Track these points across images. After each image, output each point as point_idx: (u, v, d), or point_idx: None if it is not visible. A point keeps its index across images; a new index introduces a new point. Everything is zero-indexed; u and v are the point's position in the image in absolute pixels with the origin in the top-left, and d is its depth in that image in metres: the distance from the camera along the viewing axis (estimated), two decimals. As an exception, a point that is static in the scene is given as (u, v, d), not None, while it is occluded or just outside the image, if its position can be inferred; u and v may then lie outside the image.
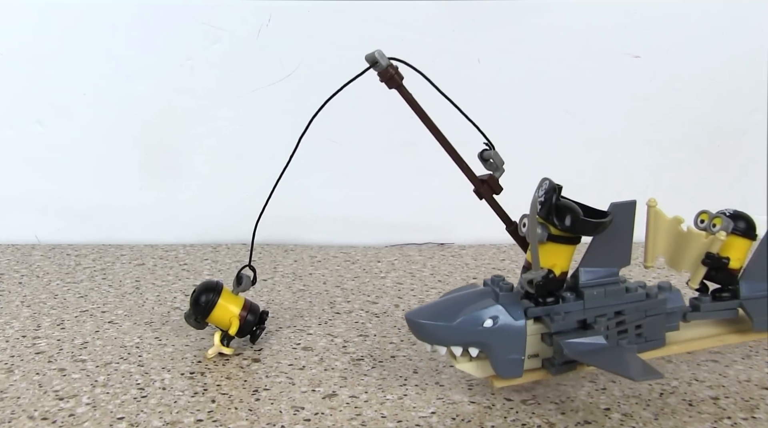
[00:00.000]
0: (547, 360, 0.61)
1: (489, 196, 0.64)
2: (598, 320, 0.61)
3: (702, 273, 0.66)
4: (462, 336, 0.59)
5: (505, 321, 0.59)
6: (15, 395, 0.62)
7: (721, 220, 0.66)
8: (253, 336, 0.71)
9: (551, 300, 0.61)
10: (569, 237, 0.60)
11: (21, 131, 1.05)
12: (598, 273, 0.62)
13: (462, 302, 0.61)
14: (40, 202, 1.08)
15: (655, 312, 0.64)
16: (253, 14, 1.01)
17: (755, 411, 0.59)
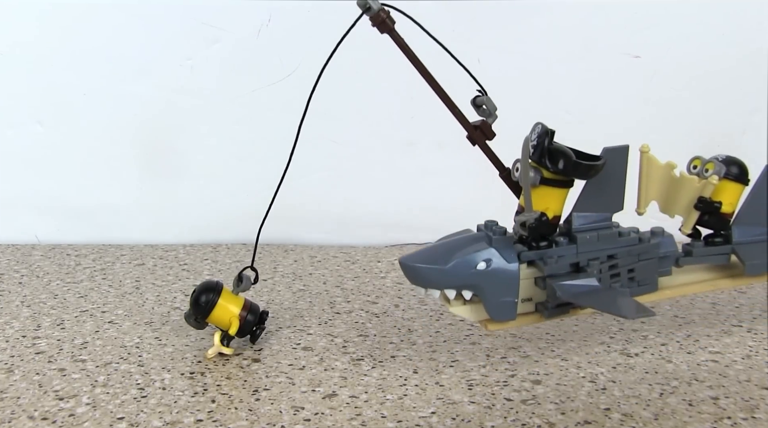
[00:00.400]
0: (541, 303, 0.63)
1: (482, 141, 0.64)
2: (591, 263, 0.62)
3: (694, 218, 0.67)
4: (455, 279, 0.60)
5: (498, 264, 0.60)
6: (15, 395, 0.62)
7: (713, 165, 0.67)
8: (253, 336, 0.71)
9: (544, 244, 0.62)
10: (562, 181, 0.61)
11: (21, 131, 1.05)
12: (591, 217, 0.63)
13: (455, 246, 0.62)
14: (40, 202, 1.08)
15: (648, 256, 0.65)
16: (253, 14, 1.01)
17: (755, 411, 0.59)
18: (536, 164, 0.60)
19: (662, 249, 0.66)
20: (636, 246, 0.64)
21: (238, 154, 1.07)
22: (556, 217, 0.62)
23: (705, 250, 0.69)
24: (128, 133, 1.05)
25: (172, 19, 1.01)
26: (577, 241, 0.62)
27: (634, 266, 0.64)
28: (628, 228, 0.65)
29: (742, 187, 0.68)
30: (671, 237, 0.67)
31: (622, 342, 0.72)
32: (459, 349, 0.71)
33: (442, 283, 0.60)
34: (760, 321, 0.78)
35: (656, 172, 0.66)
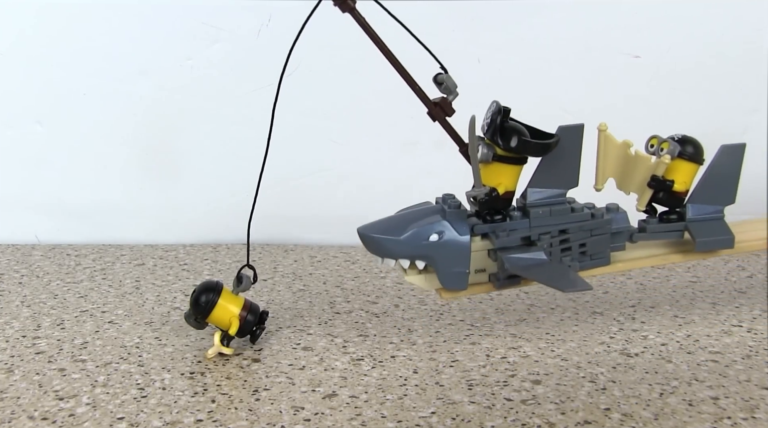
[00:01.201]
0: (493, 274, 0.65)
1: (441, 117, 0.65)
2: (542, 237, 0.64)
3: (648, 196, 0.69)
4: (409, 249, 0.63)
5: (449, 236, 0.63)
6: (15, 395, 0.62)
7: (668, 144, 0.68)
8: (253, 336, 0.71)
9: (499, 218, 0.64)
10: (515, 158, 0.63)
11: (21, 131, 1.05)
12: (546, 193, 0.65)
13: (411, 218, 0.65)
14: (40, 202, 1.08)
15: (600, 231, 0.67)
16: (253, 14, 1.01)
17: (755, 411, 0.59)
18: (489, 142, 0.62)
19: (615, 225, 0.68)
20: (588, 222, 0.66)
21: (238, 154, 1.07)
22: (509, 192, 0.64)
23: (659, 227, 0.70)
24: (128, 133, 1.05)
25: (172, 19, 1.01)
26: (530, 216, 0.64)
27: (586, 240, 0.66)
28: (582, 205, 0.66)
29: (696, 166, 0.69)
30: (625, 214, 0.69)
31: (622, 342, 0.72)
32: (459, 349, 0.71)
33: (396, 253, 0.63)
34: (760, 321, 0.78)
35: (613, 150, 0.68)
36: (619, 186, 0.70)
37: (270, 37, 1.02)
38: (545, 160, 0.64)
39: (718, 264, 0.97)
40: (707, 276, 0.93)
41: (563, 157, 0.64)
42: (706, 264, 0.97)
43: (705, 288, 0.88)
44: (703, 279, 0.91)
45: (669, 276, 0.93)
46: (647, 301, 0.84)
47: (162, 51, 1.02)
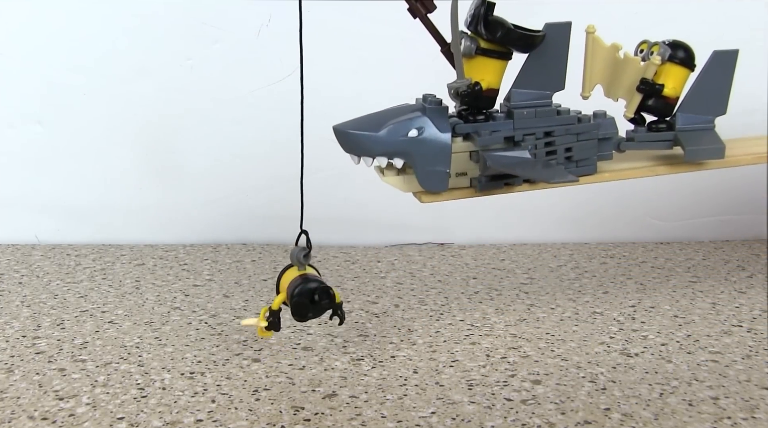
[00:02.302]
0: (475, 178, 0.63)
1: (422, 14, 0.62)
2: (526, 138, 0.62)
3: (637, 101, 0.67)
4: (386, 145, 0.60)
5: (430, 133, 0.60)
6: (15, 395, 0.62)
7: (658, 47, 0.67)
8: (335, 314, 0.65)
9: (482, 118, 0.62)
10: (499, 52, 0.61)
11: (21, 131, 1.05)
12: (531, 95, 0.63)
13: (389, 114, 0.62)
14: (40, 202, 1.08)
15: (587, 136, 0.65)
16: (253, 14, 1.01)
17: (755, 411, 0.59)
18: (473, 34, 0.60)
19: (602, 130, 0.66)
20: (575, 125, 0.64)
21: (238, 154, 1.07)
22: (492, 90, 0.62)
23: (648, 136, 0.69)
24: (128, 133, 1.05)
25: (172, 19, 1.01)
26: (513, 116, 0.62)
27: (572, 145, 0.64)
28: (567, 108, 0.65)
29: (687, 71, 0.68)
30: (612, 119, 0.67)
31: (622, 342, 0.72)
32: (459, 349, 0.71)
33: (373, 150, 0.61)
34: (760, 321, 0.78)
35: (601, 53, 0.66)
36: (607, 92, 0.68)
37: (270, 37, 1.02)
38: (531, 58, 0.63)
39: (718, 264, 0.97)
40: (707, 276, 0.93)
41: (550, 56, 0.62)
42: (706, 264, 0.98)
43: (705, 288, 0.88)
44: (703, 279, 0.91)
45: (669, 276, 0.93)
46: (647, 301, 0.84)
47: (162, 51, 1.02)
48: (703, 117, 0.69)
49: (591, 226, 1.10)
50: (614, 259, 1.00)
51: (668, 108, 0.68)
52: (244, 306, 0.82)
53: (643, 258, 1.00)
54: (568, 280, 0.92)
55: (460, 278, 0.93)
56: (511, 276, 0.93)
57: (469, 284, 0.91)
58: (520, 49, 0.62)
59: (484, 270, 0.96)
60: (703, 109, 0.69)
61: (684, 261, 0.99)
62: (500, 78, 0.62)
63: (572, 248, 1.05)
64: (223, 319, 0.79)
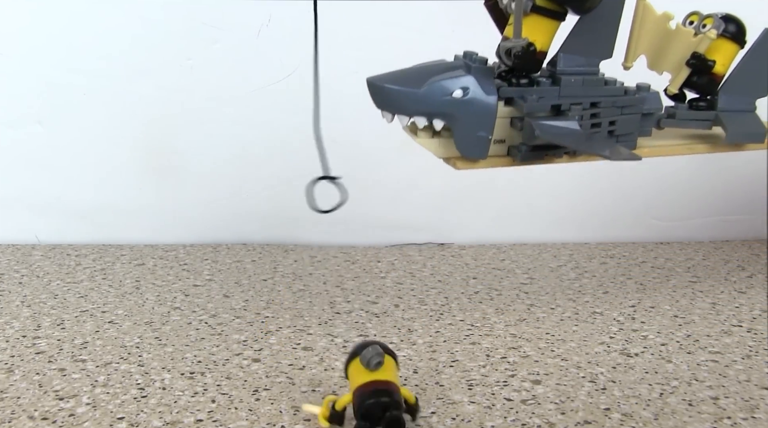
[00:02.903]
0: (514, 147, 0.58)
1: None
2: (573, 108, 0.58)
3: (684, 76, 0.64)
4: (428, 104, 0.55)
5: (475, 94, 0.55)
6: (15, 395, 0.62)
7: (712, 20, 0.63)
8: None
9: (525, 82, 0.58)
10: (554, 12, 0.56)
11: (21, 131, 1.05)
12: (578, 61, 0.59)
13: (431, 70, 0.57)
14: (40, 202, 1.08)
15: (632, 110, 0.61)
16: (253, 14, 1.01)
17: (755, 411, 0.59)
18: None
19: (647, 104, 0.62)
20: (621, 98, 0.60)
21: (238, 154, 1.07)
22: (542, 53, 0.58)
23: (689, 114, 0.65)
24: (128, 132, 1.05)
25: (172, 19, 1.01)
26: (560, 83, 0.58)
27: (617, 118, 0.60)
28: (614, 79, 0.61)
29: (737, 47, 0.64)
30: (657, 94, 0.64)
31: (622, 342, 0.72)
32: (459, 349, 0.71)
33: (413, 109, 0.55)
34: (760, 321, 0.78)
35: (651, 21, 0.62)
36: (651, 64, 0.64)
37: (270, 37, 1.02)
38: (581, 22, 0.58)
39: (718, 264, 0.97)
40: (707, 276, 0.93)
41: (601, 20, 0.58)
42: (706, 264, 0.98)
43: (705, 288, 0.88)
44: (703, 279, 0.91)
45: (669, 276, 0.93)
46: (647, 301, 0.84)
47: (162, 51, 1.02)
48: (745, 98, 0.66)
49: (591, 226, 1.10)
50: (614, 259, 1.00)
51: (713, 85, 0.64)
52: (244, 306, 0.82)
53: (643, 258, 1.00)
54: (568, 280, 0.92)
55: (460, 278, 0.93)
56: (511, 276, 0.93)
57: (469, 284, 0.91)
58: (577, 9, 0.57)
59: (484, 270, 0.96)
60: (746, 90, 0.65)
61: (684, 261, 0.99)
62: (551, 40, 0.58)
63: (572, 248, 1.05)
64: (223, 319, 0.79)
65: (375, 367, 0.55)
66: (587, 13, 0.57)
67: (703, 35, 0.62)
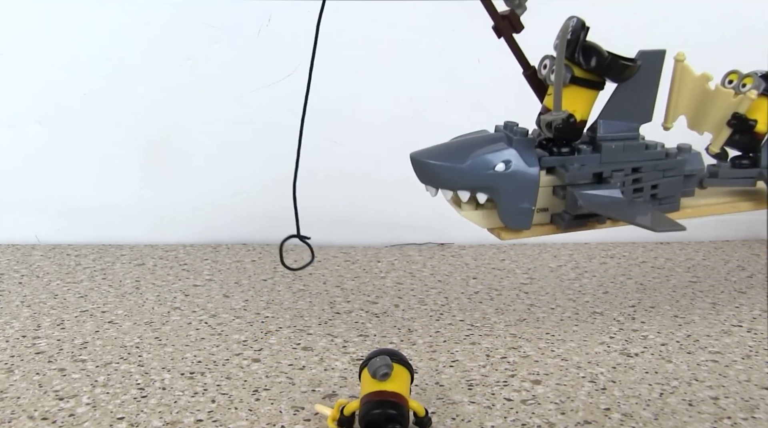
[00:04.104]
0: (557, 215, 0.58)
1: (508, 33, 0.59)
2: (615, 174, 0.58)
3: (725, 136, 0.63)
4: (471, 179, 0.56)
5: (518, 166, 0.56)
6: (15, 395, 0.62)
7: (752, 79, 0.63)
8: None
9: (566, 150, 0.58)
10: (593, 82, 0.57)
11: (21, 131, 1.05)
12: (618, 126, 0.59)
13: (473, 144, 0.57)
14: (40, 202, 1.08)
15: (674, 173, 0.61)
16: (253, 14, 1.01)
17: (755, 411, 0.59)
18: (567, 61, 0.56)
19: (688, 166, 0.62)
20: (662, 161, 0.60)
21: (238, 154, 1.07)
22: (583, 122, 0.58)
23: (731, 172, 0.65)
24: (128, 133, 1.05)
25: (172, 19, 1.01)
26: (601, 150, 0.58)
27: (659, 182, 0.60)
28: (654, 142, 0.60)
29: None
30: (698, 155, 0.63)
31: (622, 342, 0.72)
32: (459, 349, 0.71)
33: (456, 183, 0.56)
34: (760, 321, 0.78)
35: (690, 83, 0.62)
36: (692, 124, 0.64)
37: (270, 37, 1.02)
38: (621, 88, 0.58)
39: (718, 264, 0.97)
40: (707, 276, 0.93)
41: (640, 85, 0.58)
42: (706, 264, 0.98)
43: (705, 288, 0.88)
44: (703, 279, 0.91)
45: (669, 276, 0.93)
46: (647, 301, 0.84)
47: (162, 51, 1.02)
48: None
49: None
50: (614, 259, 1.00)
51: (755, 143, 0.64)
52: (244, 306, 0.82)
53: (643, 258, 1.00)
54: (568, 280, 0.92)
55: (460, 278, 0.93)
56: (511, 276, 0.93)
57: (469, 284, 0.91)
58: (615, 79, 0.58)
59: (484, 270, 0.96)
60: None
61: (684, 261, 0.99)
62: (591, 108, 0.59)
63: (572, 248, 1.05)
64: (223, 319, 0.79)
65: (381, 378, 0.54)
66: (625, 81, 0.58)
67: (744, 95, 0.62)
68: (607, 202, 0.56)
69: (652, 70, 0.58)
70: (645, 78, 0.58)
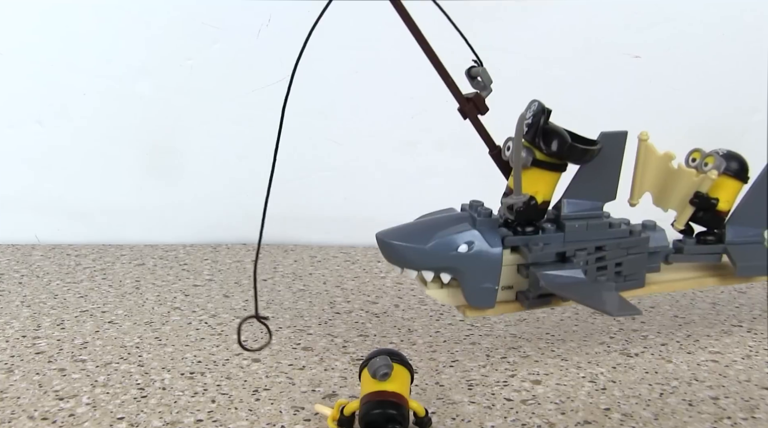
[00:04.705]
0: (522, 292, 0.59)
1: (474, 115, 0.60)
2: (578, 254, 0.59)
3: (689, 214, 0.64)
4: (434, 260, 0.56)
5: (480, 248, 0.57)
6: (15, 395, 0.62)
7: (713, 159, 0.64)
8: None
9: (530, 230, 0.58)
10: (555, 164, 0.57)
11: (21, 131, 1.05)
12: (582, 205, 0.60)
13: (437, 225, 0.58)
14: (40, 202, 1.08)
15: (638, 250, 0.62)
16: (253, 14, 1.01)
17: (755, 411, 0.59)
18: (529, 144, 0.56)
19: (653, 243, 0.63)
20: (626, 239, 0.61)
21: (238, 154, 1.07)
22: (545, 202, 0.59)
23: (696, 249, 0.66)
24: (128, 133, 1.05)
25: (172, 19, 1.01)
26: (565, 229, 0.59)
27: (623, 260, 0.61)
28: (618, 220, 0.61)
29: (740, 184, 0.65)
30: (663, 232, 0.65)
31: (622, 342, 0.72)
32: (459, 349, 0.71)
33: (420, 264, 0.57)
34: (760, 321, 0.78)
35: (653, 161, 0.63)
36: (656, 201, 0.65)
37: (270, 37, 1.02)
38: (584, 168, 0.59)
39: (718, 264, 0.97)
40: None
41: (603, 165, 0.59)
42: (706, 264, 0.97)
43: (705, 288, 0.88)
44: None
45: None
46: (647, 301, 0.84)
47: (162, 51, 1.02)
48: (753, 229, 0.66)
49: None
50: (614, 259, 1.00)
51: (719, 221, 0.65)
52: (244, 307, 0.82)
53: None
54: (568, 280, 0.91)
55: (460, 278, 0.93)
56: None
57: (469, 284, 0.90)
58: (577, 162, 0.59)
59: (484, 270, 0.96)
60: (753, 222, 0.66)
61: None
62: (553, 190, 0.59)
63: (572, 248, 1.05)
64: (223, 319, 0.79)
65: (381, 378, 0.54)
66: (588, 163, 0.58)
67: (705, 175, 0.63)
68: (569, 283, 0.57)
69: (615, 150, 0.59)
70: (608, 158, 0.59)
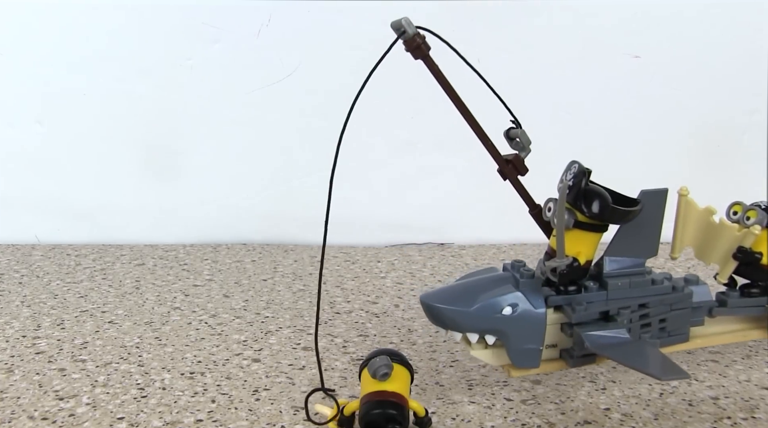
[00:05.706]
0: (566, 351, 0.59)
1: (513, 176, 0.60)
2: (621, 312, 0.59)
3: (731, 268, 0.64)
4: (479, 322, 0.57)
5: (524, 310, 0.57)
6: (15, 395, 0.62)
7: (756, 213, 0.64)
8: None
9: (573, 289, 0.58)
10: (596, 225, 0.57)
11: (21, 131, 1.05)
12: (624, 262, 0.60)
13: (480, 287, 0.58)
14: (40, 202, 1.08)
15: (681, 306, 0.62)
16: (253, 14, 1.01)
17: (755, 411, 0.59)
18: (570, 206, 0.56)
19: (696, 298, 0.63)
20: (669, 296, 0.61)
21: (238, 154, 1.07)
22: (588, 262, 0.59)
23: (740, 301, 0.66)
24: (128, 132, 1.05)
25: (172, 19, 1.01)
26: (607, 288, 0.59)
27: (666, 315, 0.61)
28: (661, 275, 0.61)
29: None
30: (706, 287, 0.65)
31: (622, 342, 0.72)
32: (459, 349, 0.71)
33: (464, 326, 0.57)
34: (760, 321, 0.78)
35: (694, 216, 0.63)
36: (698, 255, 0.65)
37: (270, 37, 1.02)
38: (625, 226, 0.59)
39: (718, 264, 0.97)
40: (707, 276, 0.92)
41: (644, 223, 0.59)
42: (706, 264, 0.97)
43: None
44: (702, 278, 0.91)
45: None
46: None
47: (162, 51, 1.02)
48: None
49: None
50: (614, 259, 1.00)
51: (763, 274, 0.65)
52: (244, 306, 0.82)
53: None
54: (568, 280, 0.91)
55: (460, 278, 0.93)
56: (511, 276, 0.93)
57: (469, 284, 0.90)
58: (618, 222, 0.59)
59: (484, 270, 0.96)
60: None
61: (684, 261, 0.99)
62: (595, 249, 0.59)
63: (572, 248, 1.05)
64: (223, 319, 0.79)
65: (381, 378, 0.54)
66: (629, 222, 0.59)
67: (748, 230, 0.62)
68: (612, 343, 0.57)
69: (655, 207, 0.59)
70: (649, 216, 0.59)
